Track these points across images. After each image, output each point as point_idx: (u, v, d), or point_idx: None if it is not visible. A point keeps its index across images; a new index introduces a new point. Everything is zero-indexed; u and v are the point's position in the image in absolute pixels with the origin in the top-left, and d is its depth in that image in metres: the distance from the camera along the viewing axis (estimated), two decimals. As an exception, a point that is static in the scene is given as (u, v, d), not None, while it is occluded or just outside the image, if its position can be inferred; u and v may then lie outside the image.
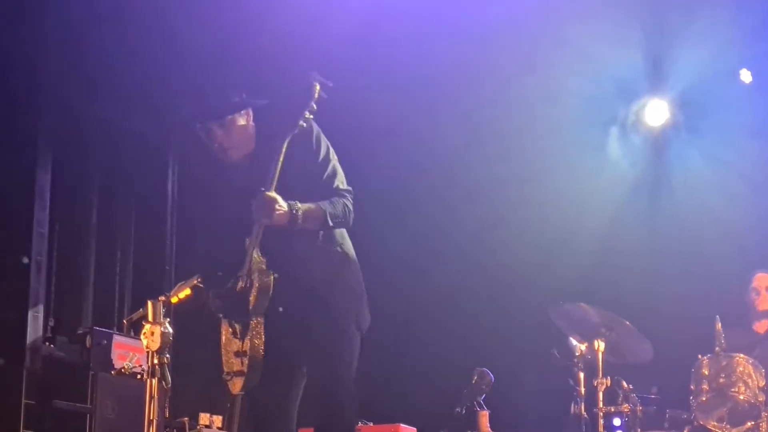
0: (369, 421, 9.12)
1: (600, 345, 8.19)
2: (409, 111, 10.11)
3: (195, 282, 5.81)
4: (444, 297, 10.43)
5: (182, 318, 9.27)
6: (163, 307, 5.54)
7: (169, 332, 5.42)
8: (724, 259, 9.22)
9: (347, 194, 5.22)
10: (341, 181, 5.23)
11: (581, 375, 8.38)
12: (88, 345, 8.73)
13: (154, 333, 5.42)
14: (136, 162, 10.62)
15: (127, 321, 8.71)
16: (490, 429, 8.78)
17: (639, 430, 8.14)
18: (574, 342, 8.48)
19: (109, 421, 8.36)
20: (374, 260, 6.58)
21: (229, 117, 5.19)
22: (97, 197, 10.15)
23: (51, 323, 9.33)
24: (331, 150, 5.24)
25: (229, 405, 10.92)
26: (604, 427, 8.20)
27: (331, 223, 5.10)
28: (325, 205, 5.07)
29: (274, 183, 4.94)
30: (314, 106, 5.00)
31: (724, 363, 7.84)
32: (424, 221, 10.62)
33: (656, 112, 10.22)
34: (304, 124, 4.98)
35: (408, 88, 9.93)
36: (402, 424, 9.08)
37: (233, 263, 5.17)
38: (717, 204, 9.65)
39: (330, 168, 5.20)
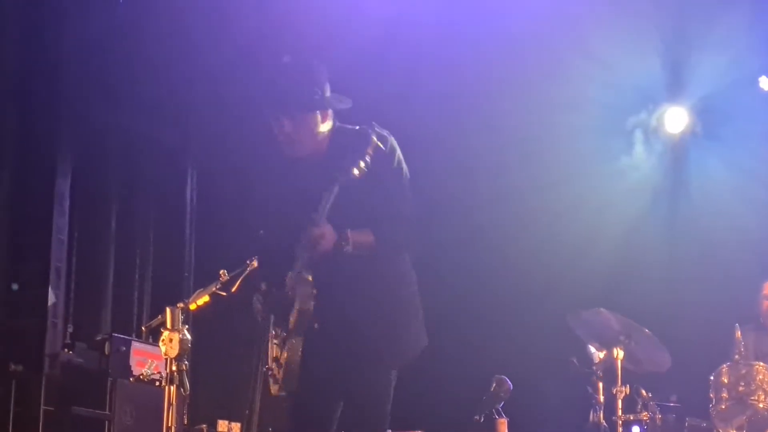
0: (387, 428, 9.10)
1: (619, 353, 8.15)
2: (431, 118, 10.10)
3: (214, 289, 5.81)
4: (463, 304, 10.41)
5: (201, 325, 9.32)
6: (182, 314, 5.54)
7: (187, 339, 5.43)
8: (744, 266, 9.16)
9: (414, 216, 5.15)
10: (406, 204, 5.15)
11: (600, 383, 8.35)
12: (106, 352, 8.75)
13: (172, 340, 5.43)
14: (154, 169, 10.65)
15: (145, 328, 8.72)
16: (508, 437, 8.77)
17: (658, 438, 8.12)
18: (592, 349, 8.44)
19: (128, 428, 8.37)
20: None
21: (305, 112, 4.99)
22: (116, 204, 10.18)
23: (70, 330, 9.36)
24: (397, 167, 5.15)
25: (247, 412, 10.92)
26: (624, 436, 8.18)
27: (383, 251, 4.96)
28: (382, 231, 4.93)
29: (324, 214, 4.74)
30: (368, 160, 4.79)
31: (743, 371, 7.80)
32: (444, 228, 10.59)
33: (675, 119, 10.18)
34: (357, 173, 4.75)
35: (430, 96, 9.93)
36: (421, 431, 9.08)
37: (282, 266, 5.00)
38: (736, 211, 9.60)
39: (393, 192, 5.10)
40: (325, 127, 5.00)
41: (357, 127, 5.01)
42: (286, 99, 4.95)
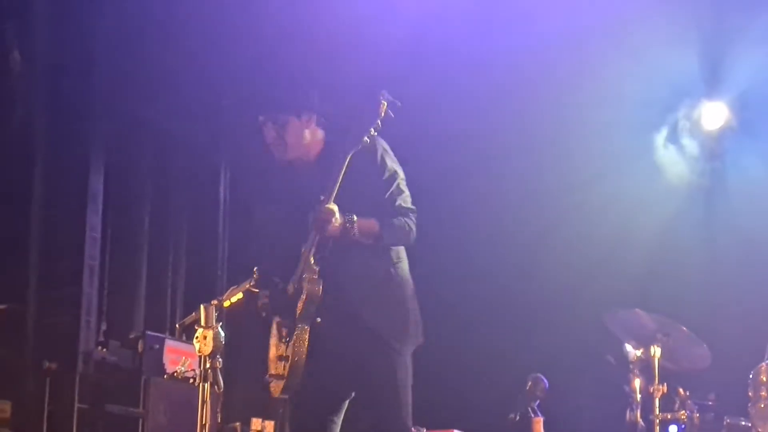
0: (422, 426, 9.07)
1: (656, 351, 8.08)
2: (462, 116, 10.06)
3: (247, 286, 5.77)
4: (498, 303, 10.36)
5: (235, 322, 9.29)
6: (216, 311, 5.51)
7: (221, 336, 5.38)
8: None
9: (410, 213, 5.18)
10: (404, 200, 5.18)
11: (637, 381, 8.28)
12: (140, 349, 8.76)
13: (206, 337, 5.38)
14: (188, 167, 10.66)
15: (179, 325, 8.70)
16: (544, 436, 8.72)
17: (697, 437, 8.03)
18: (629, 348, 8.38)
19: (162, 426, 8.38)
20: (429, 266, 6.56)
21: (287, 116, 5.20)
22: (149, 202, 10.20)
23: (103, 327, 9.37)
24: (399, 169, 5.23)
25: (281, 411, 10.91)
26: (661, 435, 8.10)
27: (386, 240, 5.08)
28: (384, 220, 5.05)
29: (333, 195, 4.91)
30: (379, 123, 4.97)
31: (782, 370, 7.71)
32: (478, 226, 10.55)
33: (713, 115, 10.07)
34: (368, 140, 4.94)
35: (462, 93, 9.90)
36: (456, 430, 9.03)
37: (287, 267, 5.18)
38: (775, 208, 9.51)
39: (394, 186, 5.17)
40: (309, 133, 5.20)
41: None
42: (267, 103, 5.24)
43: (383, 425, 5.09)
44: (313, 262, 4.97)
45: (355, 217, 4.96)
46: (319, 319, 5.00)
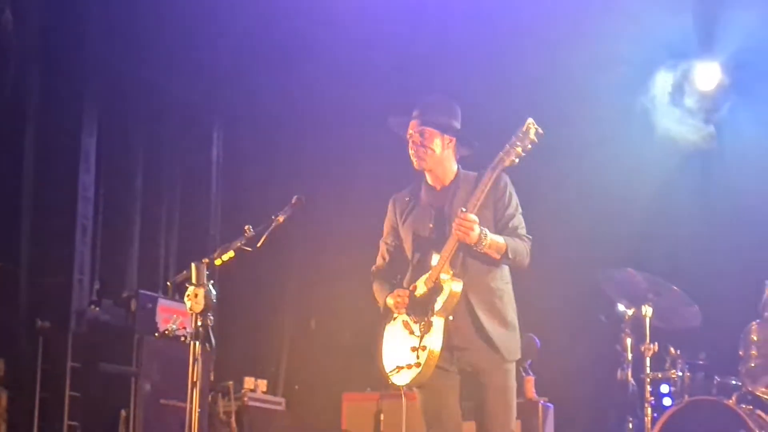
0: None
1: (648, 310, 8.11)
2: (456, 79, 10.03)
3: (239, 244, 5.76)
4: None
5: (228, 282, 9.32)
6: (207, 269, 5.51)
7: (212, 294, 5.39)
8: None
9: (528, 241, 5.58)
10: (523, 229, 5.59)
11: (628, 340, 8.32)
12: (133, 308, 8.77)
13: (197, 295, 5.40)
14: (181, 126, 10.64)
15: (170, 283, 8.70)
16: (535, 395, 8.75)
17: (686, 396, 8.07)
18: (621, 307, 8.41)
19: (154, 384, 8.40)
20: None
21: (432, 128, 5.59)
22: (142, 161, 10.18)
23: (96, 287, 9.37)
24: (518, 201, 5.66)
25: (273, 369, 10.96)
26: (652, 393, 8.13)
27: (510, 257, 5.44)
28: (510, 240, 5.42)
29: (475, 208, 5.28)
30: (529, 146, 5.37)
31: (773, 329, 7.75)
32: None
33: (707, 75, 10.04)
34: (516, 161, 5.33)
35: (456, 54, 9.87)
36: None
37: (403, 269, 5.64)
38: (768, 168, 9.50)
39: (516, 218, 5.58)
40: (445, 154, 5.62)
41: (476, 173, 5.59)
42: (426, 112, 5.61)
43: (490, 421, 5.43)
44: (449, 266, 5.31)
45: (488, 231, 5.32)
46: (451, 317, 5.33)
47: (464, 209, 5.25)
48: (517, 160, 5.33)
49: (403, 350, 5.39)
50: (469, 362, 5.41)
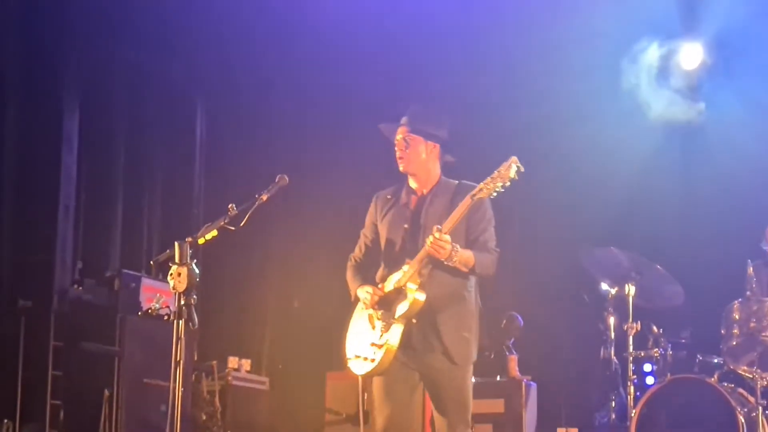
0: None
1: (630, 289, 8.15)
2: (442, 57, 10.03)
3: (222, 223, 5.74)
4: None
5: (212, 261, 9.31)
6: (190, 248, 5.50)
7: (195, 273, 5.37)
8: (758, 203, 9.09)
9: (496, 253, 5.90)
10: (492, 242, 5.90)
11: (611, 319, 8.36)
12: (116, 288, 8.75)
13: (181, 274, 5.37)
14: (163, 104, 10.59)
15: (153, 262, 8.66)
16: (519, 373, 8.77)
17: (669, 374, 8.10)
18: (604, 286, 8.44)
19: (137, 363, 8.39)
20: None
21: (417, 135, 5.93)
22: (124, 140, 10.14)
23: (79, 266, 9.35)
24: (492, 214, 5.95)
25: (257, 349, 10.96)
26: (634, 372, 8.17)
27: (477, 271, 5.76)
28: (478, 255, 5.74)
29: (450, 228, 5.57)
30: (508, 183, 5.59)
31: (755, 307, 7.75)
32: (458, 164, 10.54)
33: (690, 54, 10.05)
34: (495, 195, 5.59)
35: (438, 29, 9.86)
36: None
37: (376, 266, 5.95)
38: (751, 147, 9.49)
39: (488, 233, 5.90)
40: (430, 161, 5.97)
41: (457, 182, 5.98)
42: (414, 120, 5.94)
43: (447, 418, 5.79)
44: (417, 276, 5.67)
45: (458, 247, 5.61)
46: (415, 320, 5.69)
47: (440, 227, 5.55)
48: (494, 194, 5.58)
49: (363, 341, 5.79)
50: (424, 363, 5.76)
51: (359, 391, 6.04)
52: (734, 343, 7.81)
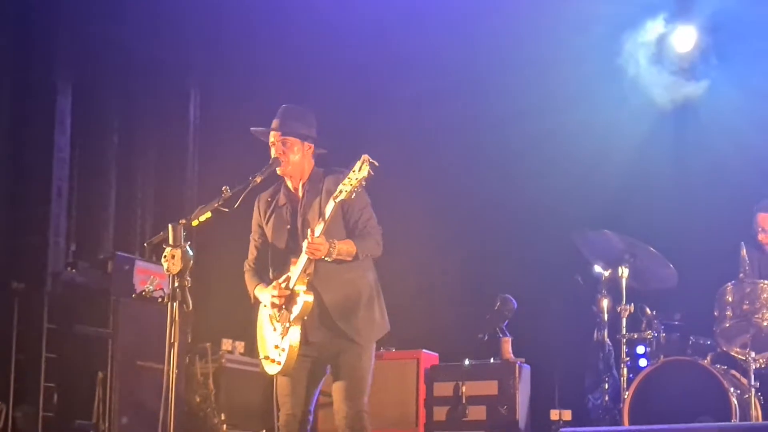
0: (391, 347, 9.13)
1: (624, 271, 8.17)
2: (433, 38, 10.02)
3: (216, 205, 5.75)
4: (468, 224, 10.38)
5: (206, 244, 9.29)
6: (184, 230, 5.49)
7: (189, 255, 5.37)
8: (752, 185, 9.10)
9: (377, 232, 6.07)
10: (372, 222, 6.07)
11: (605, 302, 8.37)
12: (109, 270, 8.74)
13: (174, 256, 5.38)
14: (156, 86, 10.56)
15: (147, 244, 8.66)
16: (512, 355, 8.79)
17: (662, 356, 8.11)
18: (598, 269, 8.45)
19: (130, 346, 8.39)
20: (402, 187, 6.56)
21: (294, 138, 6.10)
22: (117, 121, 10.11)
23: (72, 248, 9.34)
24: (367, 196, 6.06)
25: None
26: (628, 354, 8.19)
27: (361, 257, 5.95)
28: (359, 242, 5.95)
29: (323, 228, 5.79)
30: (364, 182, 5.69)
31: (748, 290, 7.77)
32: (449, 148, 10.54)
33: (684, 37, 10.04)
34: (354, 195, 5.72)
35: (432, 14, 9.85)
36: (424, 350, 9.09)
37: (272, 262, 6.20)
38: (744, 130, 9.50)
39: (365, 214, 6.07)
40: (306, 161, 6.13)
41: (323, 169, 6.19)
42: (286, 123, 6.11)
43: (349, 402, 5.97)
44: (304, 276, 5.89)
45: (336, 242, 5.83)
46: (306, 318, 5.92)
47: (314, 230, 5.78)
48: (354, 195, 5.70)
49: (270, 342, 6.06)
50: (323, 349, 6.02)
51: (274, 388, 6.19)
52: (727, 325, 7.82)
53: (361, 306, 6.03)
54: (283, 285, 5.96)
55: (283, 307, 5.95)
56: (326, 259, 5.83)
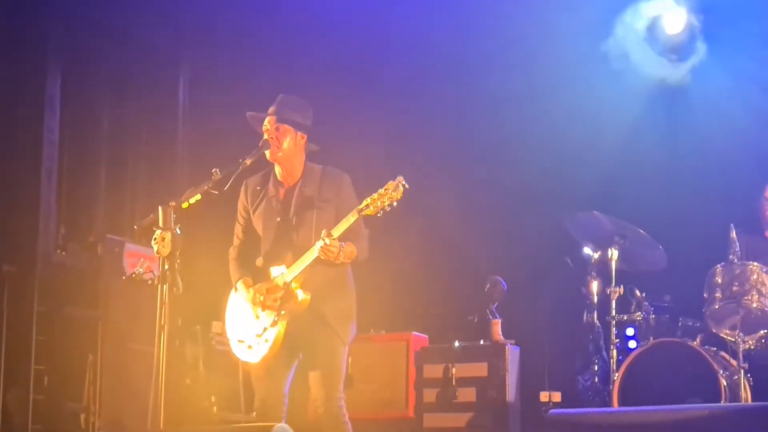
0: (382, 329, 9.14)
1: (613, 253, 8.19)
2: (421, 20, 10.01)
3: (206, 187, 5.76)
4: (457, 205, 10.39)
5: (196, 226, 9.28)
6: (174, 212, 5.50)
7: (179, 237, 5.38)
8: (741, 168, 9.12)
9: (366, 235, 6.23)
10: (362, 224, 6.16)
11: (594, 283, 8.38)
12: (99, 252, 8.73)
13: (164, 239, 5.39)
14: (146, 69, 10.53)
15: (137, 226, 8.66)
16: (502, 337, 8.80)
17: (652, 338, 8.14)
18: (587, 250, 8.47)
19: (120, 328, 8.38)
20: (391, 169, 6.52)
21: (287, 125, 6.20)
22: (107, 104, 10.08)
23: (62, 231, 9.32)
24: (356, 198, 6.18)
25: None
26: (617, 336, 8.21)
27: (360, 259, 6.17)
28: (359, 244, 6.13)
29: (340, 232, 5.91)
30: (395, 203, 5.88)
31: (737, 271, 7.80)
32: (440, 131, 10.54)
33: (674, 19, 10.03)
34: (380, 215, 5.88)
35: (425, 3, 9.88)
36: (414, 332, 9.10)
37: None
38: (734, 113, 9.50)
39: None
40: (297, 151, 6.25)
41: (321, 167, 6.31)
42: (282, 110, 6.21)
43: (327, 390, 6.11)
44: (301, 275, 6.04)
45: (344, 246, 5.96)
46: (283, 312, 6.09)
47: (331, 233, 5.87)
48: (380, 214, 5.86)
49: (247, 329, 6.19)
50: (308, 344, 6.16)
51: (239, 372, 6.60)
52: (717, 306, 7.85)
53: (338, 296, 6.19)
54: (281, 283, 6.08)
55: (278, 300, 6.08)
56: (333, 261, 5.95)
